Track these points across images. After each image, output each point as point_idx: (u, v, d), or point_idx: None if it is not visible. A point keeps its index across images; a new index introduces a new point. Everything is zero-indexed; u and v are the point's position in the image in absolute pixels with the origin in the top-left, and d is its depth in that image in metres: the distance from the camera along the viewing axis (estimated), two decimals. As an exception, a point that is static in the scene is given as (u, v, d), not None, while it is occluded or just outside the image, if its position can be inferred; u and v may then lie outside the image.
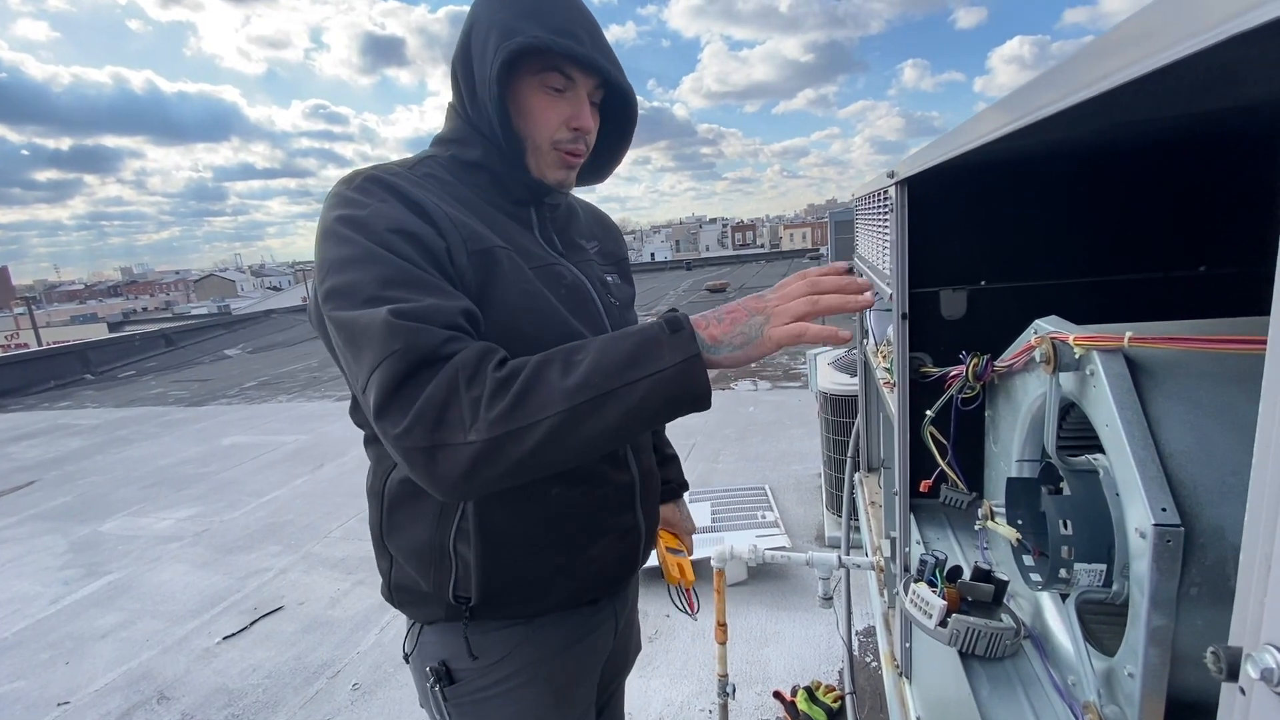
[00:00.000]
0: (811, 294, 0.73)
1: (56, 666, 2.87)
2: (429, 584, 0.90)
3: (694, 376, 0.70)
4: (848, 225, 9.10)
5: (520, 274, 0.84)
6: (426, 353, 0.68)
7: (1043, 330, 0.70)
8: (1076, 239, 1.05)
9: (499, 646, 0.93)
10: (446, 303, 0.73)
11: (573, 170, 0.94)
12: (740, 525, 3.30)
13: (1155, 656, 0.53)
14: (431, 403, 0.67)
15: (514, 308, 0.82)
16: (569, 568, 0.93)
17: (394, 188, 0.79)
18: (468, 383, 0.68)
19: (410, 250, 0.75)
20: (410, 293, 0.72)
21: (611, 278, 1.05)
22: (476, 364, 0.69)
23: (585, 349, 0.71)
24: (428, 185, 0.84)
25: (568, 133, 0.89)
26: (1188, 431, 0.54)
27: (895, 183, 1.00)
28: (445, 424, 0.67)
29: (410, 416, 0.67)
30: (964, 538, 1.12)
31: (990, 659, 0.81)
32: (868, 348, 1.82)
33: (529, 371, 0.69)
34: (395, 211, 0.77)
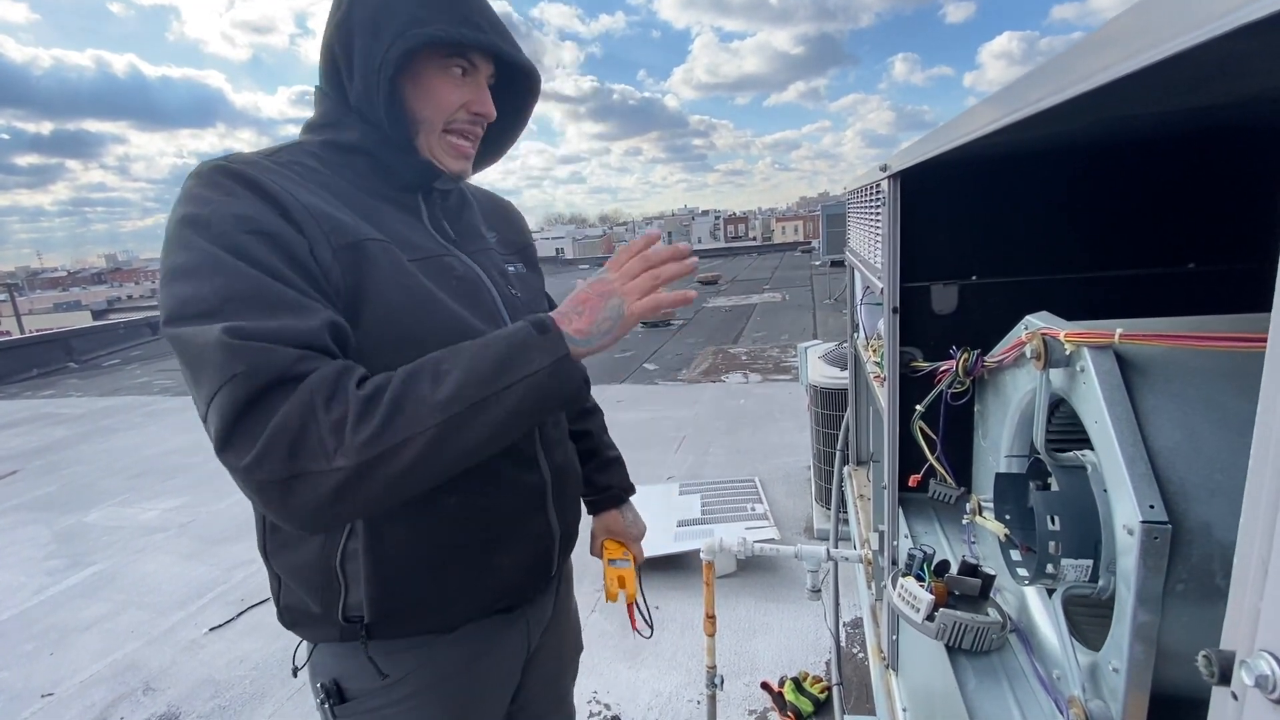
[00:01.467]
0: (649, 268, 0.78)
1: (41, 658, 2.85)
2: (318, 605, 0.84)
3: (567, 376, 0.71)
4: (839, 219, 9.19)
5: (398, 268, 0.78)
6: (274, 375, 0.62)
7: (1033, 326, 0.70)
8: (1068, 235, 1.05)
9: (398, 664, 0.87)
10: (300, 321, 0.66)
11: (468, 160, 0.90)
12: (730, 518, 3.31)
13: (1140, 652, 0.54)
14: (284, 429, 0.61)
15: (393, 305, 0.76)
16: (473, 581, 0.88)
17: (244, 177, 0.71)
18: (326, 404, 0.63)
19: (263, 253, 0.68)
20: (256, 308, 0.65)
21: (514, 267, 1.00)
22: (335, 383, 0.65)
23: (453, 358, 0.69)
24: (289, 173, 0.77)
25: (466, 115, 0.86)
26: (1177, 428, 0.54)
27: (887, 176, 0.99)
28: (303, 451, 0.62)
29: (259, 446, 0.61)
30: (952, 532, 1.13)
31: (976, 653, 0.81)
32: (858, 341, 1.82)
33: (396, 387, 0.66)
34: (244, 207, 0.69)
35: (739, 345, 8.94)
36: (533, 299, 0.99)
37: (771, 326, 10.19)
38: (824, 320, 10.26)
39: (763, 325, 10.41)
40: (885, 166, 1.01)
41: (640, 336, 10.31)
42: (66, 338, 12.20)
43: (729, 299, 14.12)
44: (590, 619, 2.77)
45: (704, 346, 9.00)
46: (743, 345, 8.92)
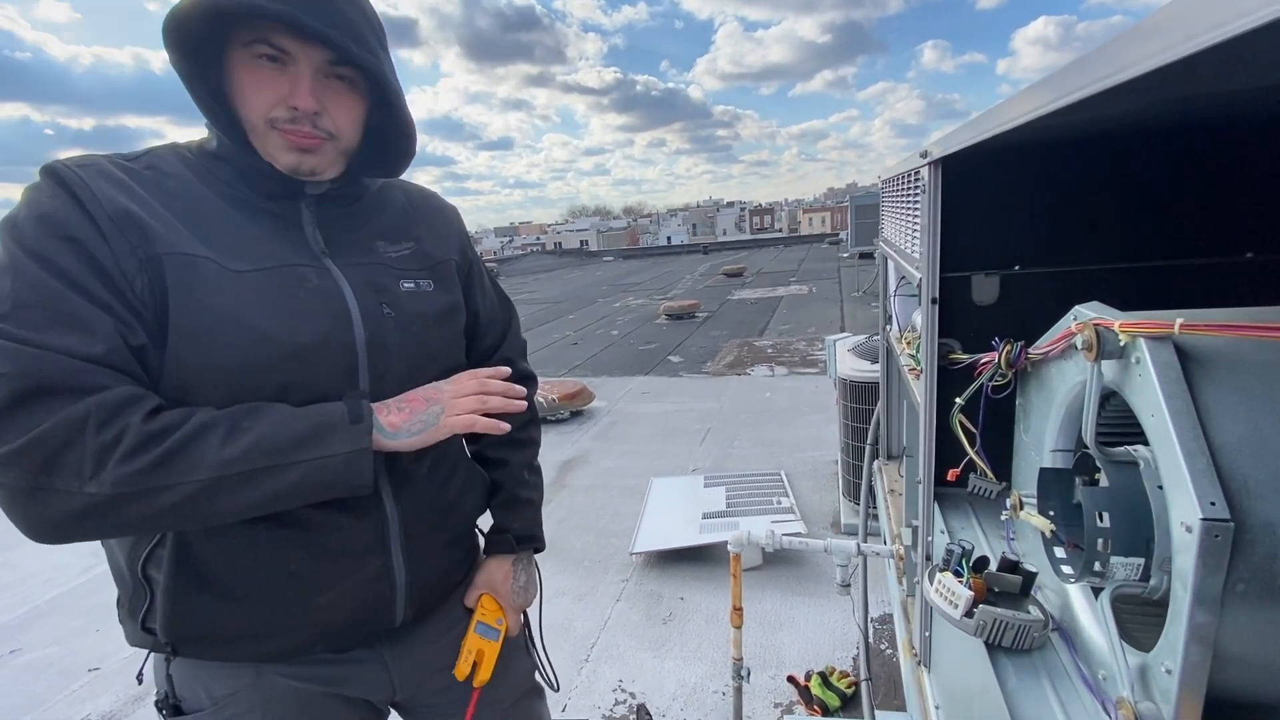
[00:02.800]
0: (480, 393, 0.86)
1: (87, 634, 2.97)
2: (126, 608, 0.80)
3: (359, 468, 0.73)
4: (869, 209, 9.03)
5: (203, 285, 0.71)
6: (46, 380, 0.62)
7: (1084, 316, 0.67)
8: (1116, 223, 1.02)
9: (221, 684, 0.83)
10: (86, 335, 0.64)
11: (309, 153, 0.79)
12: (755, 511, 3.29)
13: (1196, 654, 0.52)
14: (44, 441, 0.61)
15: (196, 326, 0.70)
16: (285, 617, 0.81)
17: (64, 181, 0.69)
18: (99, 427, 0.63)
19: (66, 261, 0.66)
20: (42, 317, 0.63)
21: (412, 283, 0.90)
22: (116, 408, 0.64)
23: (257, 418, 0.70)
24: (130, 180, 0.72)
25: (285, 110, 0.76)
26: (1240, 423, 0.52)
27: (928, 163, 0.97)
28: (57, 467, 0.61)
29: (12, 449, 0.60)
30: (989, 528, 1.10)
31: (1016, 650, 0.79)
32: (890, 334, 1.79)
33: (187, 431, 0.66)
34: (55, 210, 0.67)
35: (764, 338, 8.88)
36: (417, 321, 0.89)
37: (798, 319, 10.09)
38: (852, 313, 10.12)
39: (789, 318, 10.31)
40: (926, 153, 0.98)
41: (664, 329, 10.30)
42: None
43: (754, 291, 14.02)
44: (616, 608, 2.79)
45: (729, 339, 8.95)
46: (768, 338, 8.85)
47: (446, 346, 0.95)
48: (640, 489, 3.79)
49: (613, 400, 6.17)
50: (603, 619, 2.73)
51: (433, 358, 0.91)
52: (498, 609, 1.02)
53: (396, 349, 0.85)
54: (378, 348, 0.83)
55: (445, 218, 1.03)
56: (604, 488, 4.09)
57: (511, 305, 1.14)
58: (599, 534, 3.44)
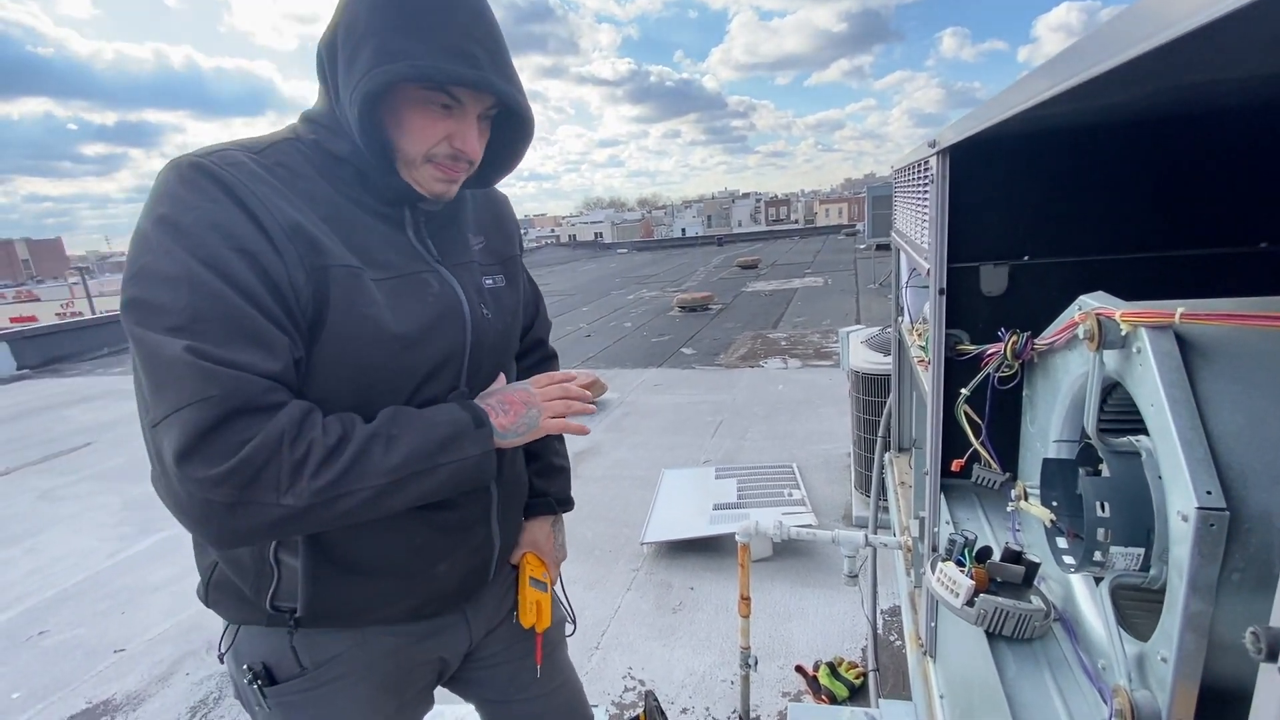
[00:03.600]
0: (565, 397, 0.93)
1: (113, 616, 3.05)
2: (250, 590, 0.85)
3: (487, 467, 0.82)
4: (885, 200, 8.93)
5: (361, 296, 0.77)
6: (243, 402, 0.66)
7: (1087, 306, 0.67)
8: (1126, 212, 1.00)
9: (326, 649, 0.89)
10: (269, 354, 0.69)
11: (454, 184, 0.85)
12: (766, 503, 3.30)
13: (1191, 642, 0.52)
14: (250, 462, 0.65)
15: (347, 336, 0.76)
16: (409, 586, 0.90)
17: (226, 185, 0.70)
18: (291, 443, 0.68)
19: (241, 274, 0.68)
20: (227, 334, 0.67)
21: (492, 280, 0.96)
22: (300, 424, 0.69)
23: (405, 426, 0.77)
24: (273, 180, 0.74)
25: (448, 149, 0.81)
26: (1239, 413, 0.52)
27: (936, 152, 0.96)
28: (259, 483, 0.66)
29: (224, 469, 0.65)
30: (995, 519, 1.10)
31: (1018, 640, 0.80)
32: (902, 325, 1.78)
33: (358, 443, 0.72)
34: (226, 219, 0.69)
35: (778, 330, 8.83)
36: (502, 319, 0.96)
37: (812, 311, 10.02)
38: (868, 305, 10.04)
39: (803, 310, 10.25)
40: (934, 142, 0.98)
41: (678, 321, 10.29)
42: (133, 318, 12.86)
43: (769, 283, 13.94)
44: (626, 597, 2.82)
45: (742, 331, 8.92)
46: (782, 330, 8.81)
47: (515, 340, 1.05)
48: (651, 480, 3.80)
49: (625, 392, 6.19)
50: (613, 607, 2.76)
51: (508, 352, 1.01)
52: (541, 565, 1.12)
53: (489, 348, 0.93)
54: (477, 347, 0.90)
55: (506, 210, 1.08)
56: (616, 479, 4.11)
57: (537, 286, 1.20)
58: (610, 524, 3.46)
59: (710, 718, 2.12)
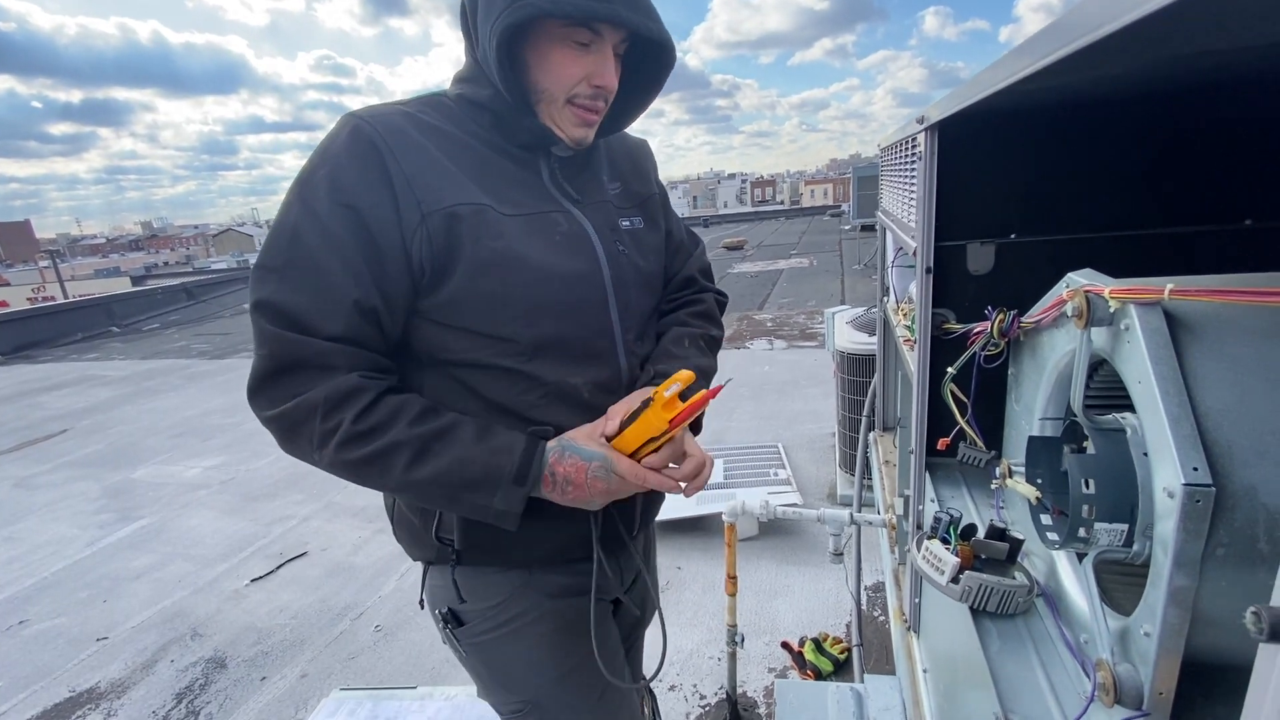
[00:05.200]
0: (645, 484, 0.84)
1: (95, 604, 3.02)
2: (418, 519, 0.91)
3: (507, 522, 0.80)
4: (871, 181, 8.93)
5: (490, 230, 0.80)
6: (295, 361, 0.75)
7: (1075, 283, 0.67)
8: (1112, 190, 1.00)
9: (497, 590, 0.93)
10: (335, 310, 0.76)
11: (591, 128, 0.88)
12: (752, 482, 3.32)
13: (1174, 616, 0.52)
14: (289, 416, 0.76)
15: (478, 269, 0.79)
16: (554, 527, 0.90)
17: (363, 138, 0.77)
18: (324, 415, 0.75)
19: (341, 228, 0.75)
20: (304, 284, 0.75)
21: (629, 221, 0.98)
22: (340, 403, 0.75)
23: (448, 444, 0.79)
24: (420, 134, 0.81)
25: (588, 89, 0.83)
26: (1227, 390, 0.52)
27: (925, 128, 0.95)
28: (299, 434, 0.77)
29: (273, 414, 0.77)
30: (979, 498, 1.11)
31: (1001, 616, 0.81)
32: (887, 305, 1.78)
33: (381, 445, 0.76)
34: (346, 173, 0.76)
35: (764, 311, 8.85)
36: (644, 257, 0.97)
37: (798, 292, 10.04)
38: (853, 286, 10.07)
39: (789, 291, 10.26)
40: (922, 118, 0.96)
41: (664, 302, 10.24)
42: (108, 303, 12.60)
43: (754, 265, 13.93)
44: (613, 578, 2.83)
45: (728, 313, 8.91)
46: (768, 311, 8.82)
47: (660, 278, 1.04)
48: (638, 462, 3.81)
49: (612, 374, 6.17)
50: (601, 588, 2.78)
51: (655, 291, 1.02)
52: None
53: (633, 283, 0.93)
54: (620, 284, 0.91)
55: (642, 154, 1.09)
56: (603, 460, 4.11)
57: (687, 228, 1.19)
58: (598, 506, 3.47)
59: (698, 694, 2.15)
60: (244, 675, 2.46)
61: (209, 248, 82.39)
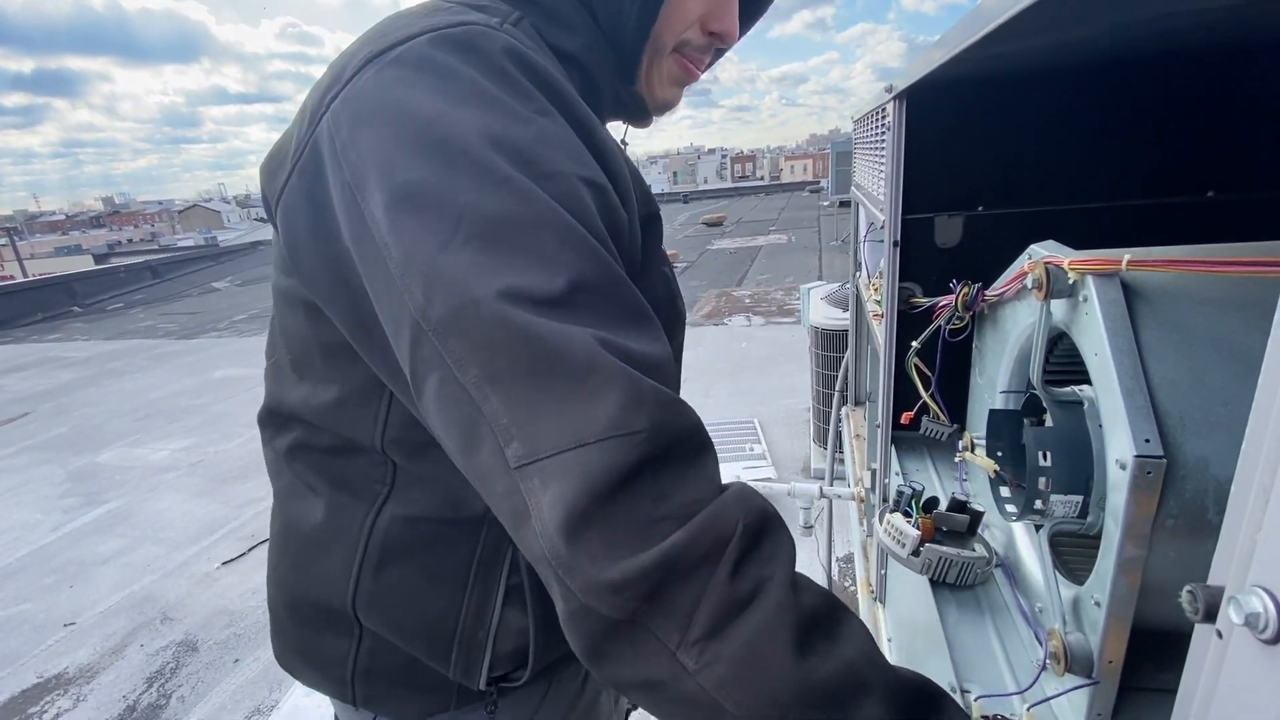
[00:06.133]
0: None
1: (61, 590, 2.96)
2: (448, 667, 0.61)
3: None
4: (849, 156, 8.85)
5: (661, 250, 0.60)
6: (673, 441, 0.39)
7: (1037, 255, 0.66)
8: (1082, 161, 0.99)
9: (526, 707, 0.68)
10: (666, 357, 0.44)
11: (681, 91, 0.67)
12: (728, 457, 3.35)
13: (1124, 586, 0.53)
14: (676, 564, 0.37)
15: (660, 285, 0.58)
16: None
17: (561, 92, 0.49)
18: (737, 561, 0.38)
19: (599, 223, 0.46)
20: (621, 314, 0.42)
21: None
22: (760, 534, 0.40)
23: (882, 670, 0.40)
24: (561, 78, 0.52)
25: (701, 37, 0.62)
26: (1180, 360, 0.52)
27: (893, 98, 0.93)
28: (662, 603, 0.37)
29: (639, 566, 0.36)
30: (944, 470, 1.12)
31: (961, 586, 0.81)
32: (860, 280, 1.78)
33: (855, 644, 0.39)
34: (572, 141, 0.47)
35: (743, 288, 8.85)
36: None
37: (776, 269, 10.06)
38: (830, 262, 10.11)
39: (767, 268, 10.28)
40: (891, 87, 0.95)
41: (643, 279, 10.20)
42: (69, 281, 12.18)
43: (734, 241, 13.90)
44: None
45: (707, 289, 8.91)
46: (746, 288, 8.83)
47: None
48: (616, 439, 3.82)
49: (590, 351, 6.15)
50: (578, 565, 2.79)
51: None
52: None
53: None
54: None
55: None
56: (580, 438, 4.11)
57: None
58: (575, 483, 3.47)
59: (673, 666, 2.18)
60: (216, 658, 2.43)
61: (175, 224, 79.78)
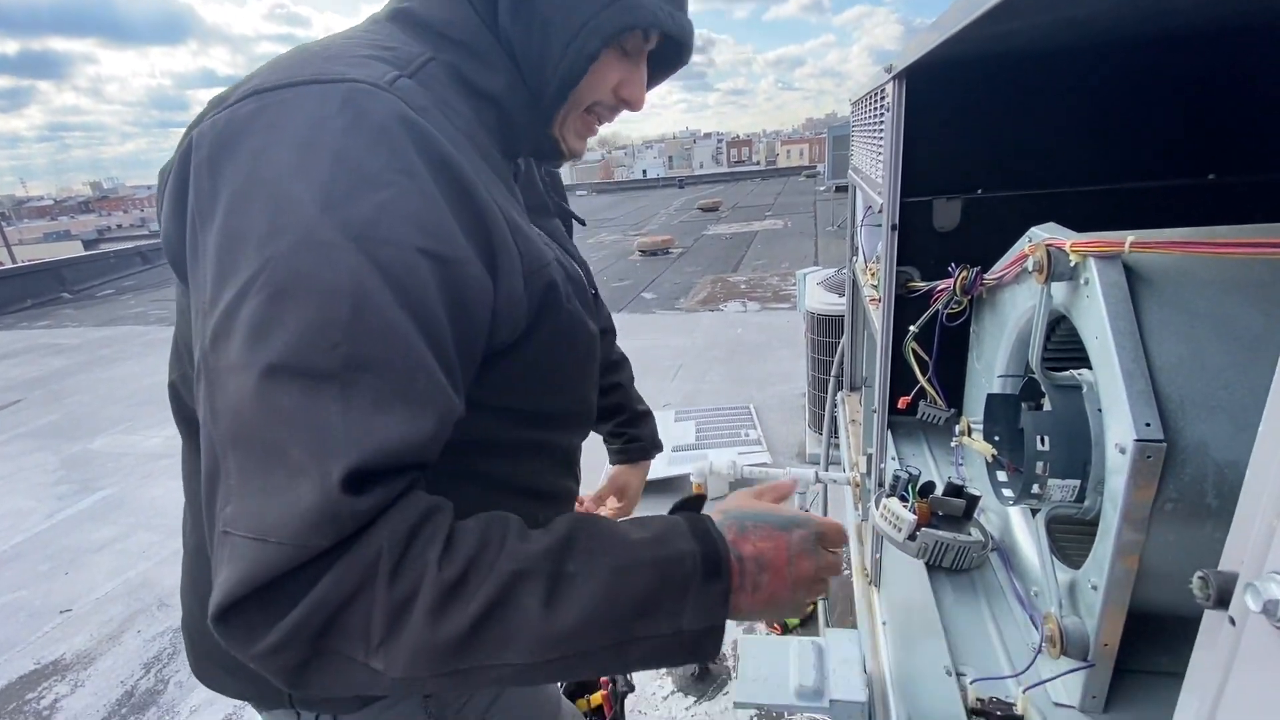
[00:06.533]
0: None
1: (56, 577, 2.95)
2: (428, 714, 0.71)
3: (710, 649, 0.51)
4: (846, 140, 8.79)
5: (564, 286, 0.62)
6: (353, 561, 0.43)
7: (1037, 237, 0.65)
8: (1082, 144, 0.98)
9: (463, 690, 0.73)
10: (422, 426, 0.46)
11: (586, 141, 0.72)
12: (724, 443, 3.35)
13: (1121, 570, 0.53)
14: (322, 607, 0.42)
15: (558, 335, 0.62)
16: None
17: (438, 151, 0.49)
18: (391, 573, 0.43)
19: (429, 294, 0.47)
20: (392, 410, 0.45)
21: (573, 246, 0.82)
22: (408, 542, 0.44)
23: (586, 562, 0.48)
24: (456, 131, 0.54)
25: (611, 99, 0.67)
26: (1182, 343, 0.51)
27: (892, 78, 0.92)
28: (337, 632, 0.43)
29: (280, 633, 0.42)
30: (940, 455, 1.12)
31: (956, 571, 0.81)
32: (856, 265, 1.77)
33: (499, 582, 0.45)
34: (429, 210, 0.47)
35: (738, 274, 8.83)
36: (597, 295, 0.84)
37: (772, 254, 10.02)
38: (826, 247, 10.08)
39: (763, 253, 10.24)
40: (890, 67, 0.93)
41: (638, 265, 10.17)
42: (58, 267, 12.05)
43: (729, 226, 13.84)
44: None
45: (703, 275, 8.88)
46: (742, 274, 8.80)
47: None
48: (612, 424, 3.82)
49: (585, 337, 6.13)
50: (574, 550, 2.80)
51: None
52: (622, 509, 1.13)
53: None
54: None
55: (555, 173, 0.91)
56: (576, 424, 4.11)
57: None
58: (571, 469, 3.48)
59: (669, 650, 2.20)
60: (214, 643, 2.44)
61: (165, 210, 78.62)
